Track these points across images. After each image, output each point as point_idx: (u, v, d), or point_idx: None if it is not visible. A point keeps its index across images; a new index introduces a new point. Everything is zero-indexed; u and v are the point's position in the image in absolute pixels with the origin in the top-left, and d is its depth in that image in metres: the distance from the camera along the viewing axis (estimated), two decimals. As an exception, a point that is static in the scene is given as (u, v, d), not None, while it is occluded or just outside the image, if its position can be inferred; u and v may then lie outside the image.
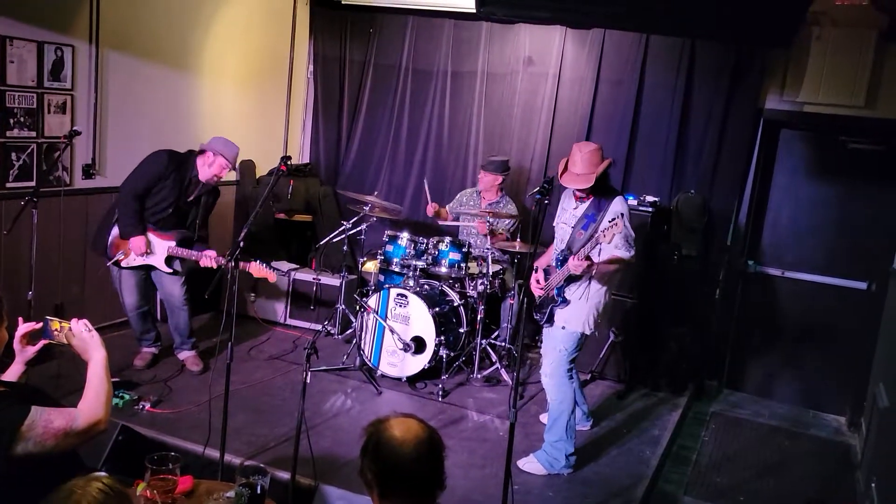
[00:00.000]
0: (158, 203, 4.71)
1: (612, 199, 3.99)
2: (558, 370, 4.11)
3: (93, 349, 2.44)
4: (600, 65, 6.18)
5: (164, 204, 4.71)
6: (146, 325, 5.03)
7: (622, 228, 3.76)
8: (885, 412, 4.42)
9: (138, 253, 4.70)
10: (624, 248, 3.92)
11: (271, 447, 4.09)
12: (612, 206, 3.96)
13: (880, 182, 5.72)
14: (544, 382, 4.21)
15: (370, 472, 1.88)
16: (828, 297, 5.95)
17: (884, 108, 5.43)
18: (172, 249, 4.73)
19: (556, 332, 4.14)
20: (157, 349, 5.13)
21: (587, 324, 4.07)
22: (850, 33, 5.40)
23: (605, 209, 3.96)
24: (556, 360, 4.12)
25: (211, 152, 4.70)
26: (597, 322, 4.11)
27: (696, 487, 4.50)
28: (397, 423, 1.90)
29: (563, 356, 4.11)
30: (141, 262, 4.78)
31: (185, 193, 4.75)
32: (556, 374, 4.11)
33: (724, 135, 5.85)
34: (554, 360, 4.12)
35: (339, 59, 7.19)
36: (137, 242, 4.66)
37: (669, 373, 5.68)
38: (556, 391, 4.12)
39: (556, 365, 4.11)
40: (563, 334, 4.10)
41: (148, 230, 4.72)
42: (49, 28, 4.84)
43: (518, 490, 3.88)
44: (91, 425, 2.27)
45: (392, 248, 5.47)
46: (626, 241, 3.93)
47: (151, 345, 5.10)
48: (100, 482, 1.57)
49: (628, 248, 3.94)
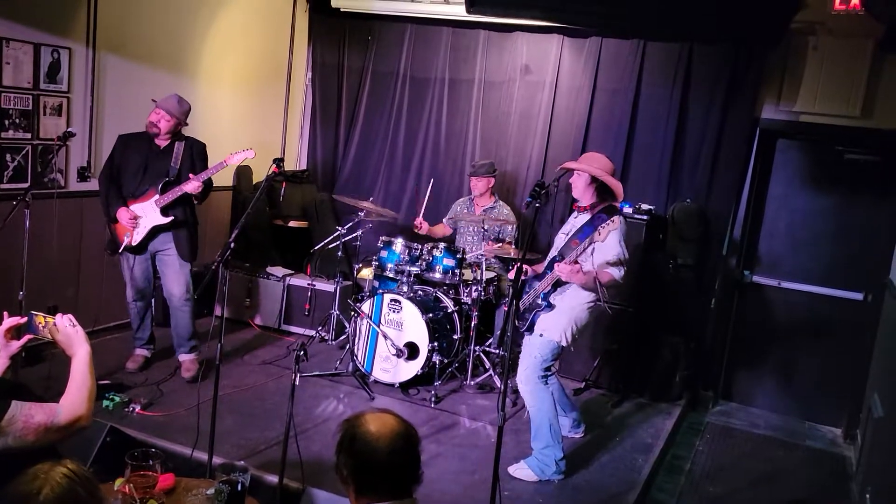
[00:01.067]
0: (130, 169, 4.75)
1: (611, 215, 3.94)
2: (532, 377, 4.10)
3: (77, 344, 2.42)
4: (597, 74, 6.19)
5: (135, 166, 4.75)
6: (143, 321, 5.02)
7: (618, 225, 3.77)
8: (879, 422, 4.39)
9: (126, 220, 4.68)
10: (617, 269, 3.91)
11: (261, 450, 4.07)
12: (608, 224, 3.90)
13: (876, 192, 5.70)
14: (521, 390, 4.20)
15: (345, 468, 1.86)
16: (824, 307, 5.93)
17: (880, 119, 5.43)
18: (159, 200, 4.70)
19: (534, 339, 4.14)
20: (150, 352, 5.11)
21: (565, 335, 4.05)
22: (847, 43, 5.41)
23: (598, 226, 3.93)
24: (529, 367, 4.11)
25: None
26: (574, 336, 4.08)
27: (688, 497, 4.47)
28: (373, 418, 1.88)
29: (536, 363, 4.10)
30: (143, 231, 4.74)
31: (151, 149, 4.77)
32: (531, 381, 4.11)
33: (720, 144, 5.84)
34: (528, 366, 4.12)
35: (338, 66, 7.22)
36: (121, 214, 4.69)
37: (664, 382, 5.65)
38: (532, 398, 4.11)
39: (530, 372, 4.10)
40: (540, 342, 4.10)
41: (129, 202, 4.73)
42: (46, 30, 4.86)
43: (508, 496, 3.86)
44: (73, 421, 2.26)
45: (386, 253, 5.45)
46: (622, 260, 3.93)
47: (144, 346, 5.07)
48: (64, 467, 1.55)
49: (621, 268, 3.93)
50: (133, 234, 4.74)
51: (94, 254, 5.42)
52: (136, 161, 4.75)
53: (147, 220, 4.75)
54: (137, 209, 4.73)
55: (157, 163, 4.77)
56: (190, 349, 5.03)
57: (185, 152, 4.81)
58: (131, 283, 4.90)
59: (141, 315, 5.01)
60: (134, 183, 4.75)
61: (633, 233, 5.54)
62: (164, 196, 4.70)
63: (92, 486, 1.39)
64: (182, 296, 4.91)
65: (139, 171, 4.75)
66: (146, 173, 4.75)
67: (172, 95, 4.78)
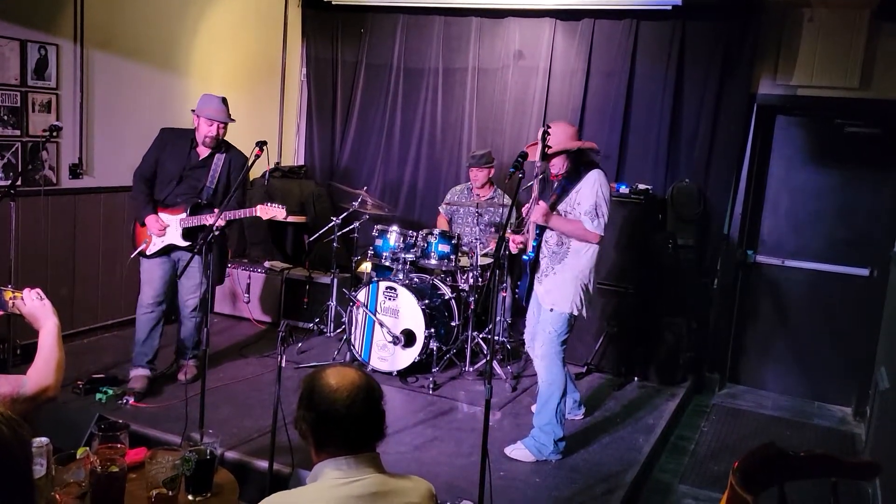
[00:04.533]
0: (165, 175, 4.57)
1: (588, 171, 3.94)
2: (550, 351, 4.04)
3: (44, 317, 2.40)
4: (590, 57, 6.12)
5: (170, 174, 4.56)
6: (151, 333, 4.65)
7: (595, 177, 3.86)
8: (885, 394, 4.29)
9: (155, 230, 4.51)
10: (589, 217, 3.89)
11: (254, 438, 4.02)
12: (587, 176, 3.92)
13: (878, 166, 5.60)
14: (536, 365, 4.15)
15: (304, 421, 1.81)
16: (830, 285, 5.82)
17: (878, 89, 5.33)
18: (184, 220, 4.52)
19: (544, 315, 4.08)
20: (152, 373, 4.73)
21: (574, 304, 3.99)
22: (842, 14, 5.32)
23: (577, 182, 3.93)
24: (546, 342, 4.05)
25: (195, 116, 4.57)
26: (584, 303, 4.02)
27: (691, 475, 4.38)
28: (333, 371, 1.83)
29: (552, 337, 4.03)
30: (161, 244, 4.56)
31: (189, 158, 4.58)
32: (548, 356, 4.04)
33: (717, 122, 5.76)
34: (545, 341, 4.06)
35: (332, 60, 7.20)
36: (150, 221, 4.51)
37: (667, 365, 5.56)
38: (546, 372, 4.04)
39: (548, 346, 4.04)
40: (551, 316, 4.03)
41: (158, 210, 4.56)
42: (32, 27, 4.86)
43: (504, 476, 3.80)
44: (39, 391, 2.23)
45: (381, 242, 5.40)
46: (595, 210, 3.89)
47: (147, 364, 4.67)
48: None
49: (593, 218, 3.89)
50: (151, 244, 4.57)
51: (89, 252, 5.41)
52: (173, 169, 4.55)
53: (168, 236, 4.56)
54: (166, 218, 4.55)
55: (194, 176, 4.57)
56: (190, 356, 4.85)
57: (224, 168, 4.59)
58: (150, 285, 4.63)
59: (151, 325, 4.64)
60: (167, 190, 4.56)
61: (630, 213, 5.50)
62: (190, 218, 4.50)
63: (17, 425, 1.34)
64: (194, 306, 4.72)
65: (173, 180, 4.55)
66: (180, 184, 4.55)
67: (212, 99, 4.55)
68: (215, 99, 4.56)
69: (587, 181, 3.90)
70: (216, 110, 4.52)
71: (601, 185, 3.90)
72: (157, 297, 4.64)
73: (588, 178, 3.91)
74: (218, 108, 4.53)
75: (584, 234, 3.93)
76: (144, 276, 4.67)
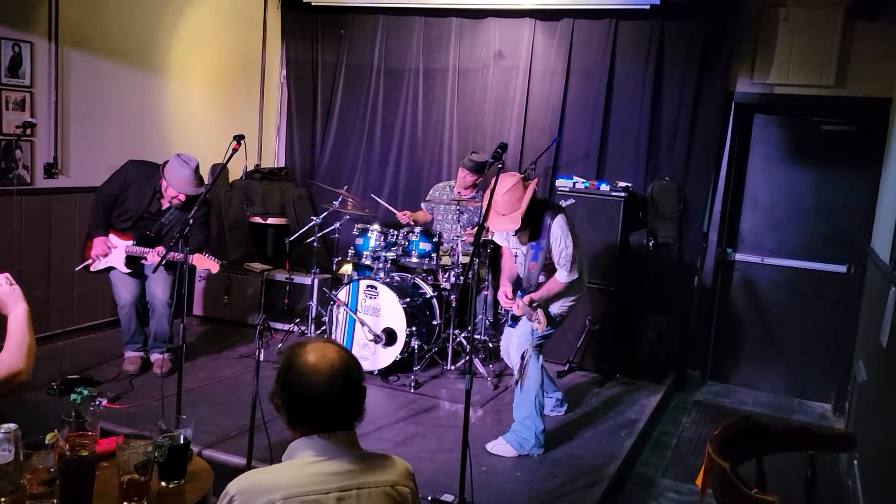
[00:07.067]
0: (124, 210, 4.72)
1: (551, 220, 3.92)
2: (526, 343, 4.04)
3: (14, 303, 2.36)
4: (570, 56, 6.14)
5: (128, 212, 4.70)
6: (135, 325, 4.89)
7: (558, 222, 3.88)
8: (863, 386, 4.31)
9: (100, 252, 4.68)
10: (565, 269, 3.94)
11: (233, 436, 3.97)
12: (552, 230, 3.92)
13: (854, 163, 5.65)
14: (511, 356, 4.14)
15: (278, 397, 1.77)
16: (809, 282, 5.86)
17: (853, 87, 5.39)
18: (129, 249, 4.67)
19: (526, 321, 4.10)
20: (144, 354, 4.97)
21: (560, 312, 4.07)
22: (817, 12, 5.38)
23: (545, 235, 3.93)
24: (524, 334, 4.05)
25: (164, 179, 4.60)
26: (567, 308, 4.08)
27: (673, 469, 4.38)
28: (314, 348, 1.79)
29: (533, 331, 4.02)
30: (104, 264, 4.74)
31: (150, 206, 4.70)
32: (525, 347, 4.04)
33: (695, 121, 5.79)
34: (523, 333, 4.06)
35: (312, 61, 7.17)
36: (98, 242, 4.69)
37: (649, 362, 5.57)
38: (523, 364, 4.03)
39: (525, 338, 4.04)
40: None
41: (110, 231, 4.72)
42: (6, 24, 4.79)
43: (486, 471, 3.77)
44: (10, 376, 2.18)
45: (362, 241, 5.37)
46: (568, 261, 3.92)
47: (141, 349, 4.94)
48: None
49: (568, 269, 3.94)
50: (96, 263, 4.73)
51: (65, 253, 5.33)
52: (132, 209, 4.69)
53: (112, 259, 4.73)
54: (114, 240, 4.71)
55: (151, 219, 4.74)
56: (164, 350, 4.93)
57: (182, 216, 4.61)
58: (123, 289, 4.80)
59: (136, 318, 4.88)
60: (121, 220, 4.72)
61: (610, 211, 5.50)
62: (135, 248, 4.65)
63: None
64: (164, 299, 4.81)
65: (132, 217, 4.70)
66: (136, 223, 4.71)
67: (183, 168, 4.54)
68: (187, 168, 4.59)
69: (553, 236, 3.90)
70: (184, 182, 4.57)
71: (565, 236, 3.90)
72: (133, 296, 4.83)
73: (552, 231, 3.90)
74: (187, 181, 4.57)
75: (564, 285, 3.99)
76: (114, 280, 4.83)
